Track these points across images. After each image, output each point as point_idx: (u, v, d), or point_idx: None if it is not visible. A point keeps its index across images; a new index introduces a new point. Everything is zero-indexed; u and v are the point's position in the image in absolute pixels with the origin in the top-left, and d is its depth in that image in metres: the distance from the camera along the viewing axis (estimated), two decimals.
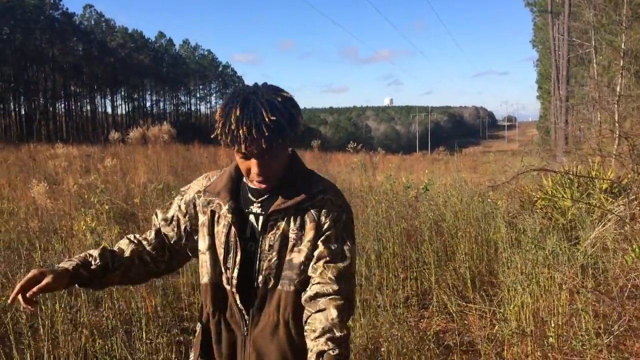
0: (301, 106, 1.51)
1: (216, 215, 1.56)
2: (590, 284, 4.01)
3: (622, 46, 13.07)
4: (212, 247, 1.56)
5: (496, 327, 3.58)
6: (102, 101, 70.77)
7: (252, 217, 1.55)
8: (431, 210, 6.77)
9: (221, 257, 1.54)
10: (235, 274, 1.51)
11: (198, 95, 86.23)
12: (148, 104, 78.67)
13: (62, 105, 63.51)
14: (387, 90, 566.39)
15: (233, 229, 1.52)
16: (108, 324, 3.08)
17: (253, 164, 1.45)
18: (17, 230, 5.63)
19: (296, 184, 1.53)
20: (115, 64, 65.29)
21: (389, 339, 3.55)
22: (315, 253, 1.49)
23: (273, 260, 1.50)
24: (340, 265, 1.47)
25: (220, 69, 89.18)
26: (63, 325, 3.21)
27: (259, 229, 1.52)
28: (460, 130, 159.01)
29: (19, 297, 1.43)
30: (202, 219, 1.59)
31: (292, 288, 1.50)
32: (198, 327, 1.65)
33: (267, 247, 1.50)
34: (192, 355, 1.66)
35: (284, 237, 1.50)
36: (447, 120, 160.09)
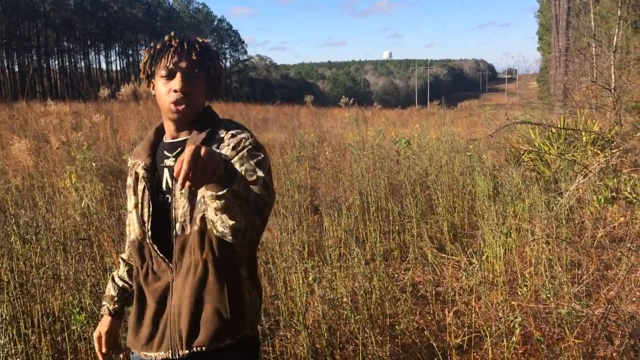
0: (299, 61, 1.44)
1: (138, 175, 1.62)
2: (565, 235, 4.07)
3: None
4: (137, 206, 1.61)
5: (463, 278, 3.65)
6: (96, 57, 69.91)
7: (166, 171, 1.59)
8: (415, 164, 6.79)
9: (139, 213, 1.60)
10: (149, 227, 1.56)
11: None
12: None
13: (56, 62, 62.78)
14: (386, 44, 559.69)
15: (144, 183, 1.59)
16: (77, 277, 3.15)
17: (176, 80, 1.51)
18: (4, 189, 5.66)
19: (204, 131, 1.57)
20: (107, 19, 64.12)
21: (365, 291, 3.63)
22: None
23: (186, 207, 1.52)
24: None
25: (215, 23, 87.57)
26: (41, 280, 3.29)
27: (171, 180, 1.56)
28: (460, 84, 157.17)
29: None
30: (129, 181, 1.66)
31: (209, 227, 1.48)
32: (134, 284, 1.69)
33: (178, 196, 1.53)
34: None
35: None
36: (446, 73, 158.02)
